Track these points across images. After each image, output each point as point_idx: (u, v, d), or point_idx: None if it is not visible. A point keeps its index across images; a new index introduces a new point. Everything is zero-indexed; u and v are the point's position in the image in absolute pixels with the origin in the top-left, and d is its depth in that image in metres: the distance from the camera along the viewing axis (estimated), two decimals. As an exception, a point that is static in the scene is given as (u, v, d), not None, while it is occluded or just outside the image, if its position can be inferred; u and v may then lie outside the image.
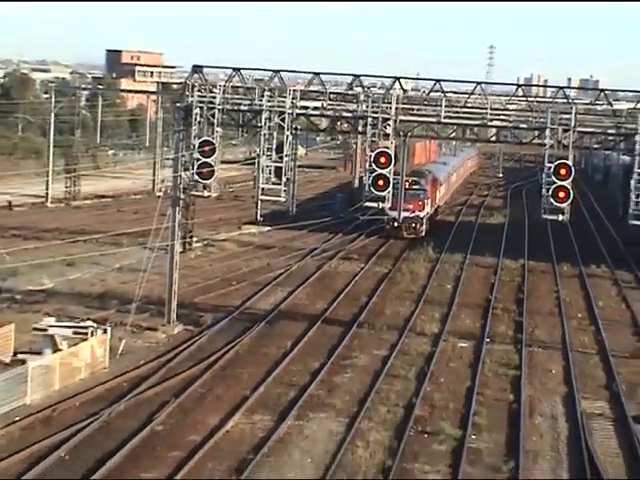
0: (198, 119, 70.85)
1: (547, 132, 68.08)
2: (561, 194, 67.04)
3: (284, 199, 73.44)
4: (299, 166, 77.97)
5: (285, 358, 64.05)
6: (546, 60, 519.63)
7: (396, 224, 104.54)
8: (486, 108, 74.16)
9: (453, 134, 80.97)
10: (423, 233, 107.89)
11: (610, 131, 71.62)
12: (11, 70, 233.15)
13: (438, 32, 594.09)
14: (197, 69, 73.76)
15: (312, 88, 74.14)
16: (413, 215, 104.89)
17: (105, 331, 62.30)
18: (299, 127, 75.40)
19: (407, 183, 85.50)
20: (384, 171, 69.07)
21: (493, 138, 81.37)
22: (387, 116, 69.96)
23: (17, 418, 50.71)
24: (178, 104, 75.76)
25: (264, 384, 58.27)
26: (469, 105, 74.63)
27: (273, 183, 71.33)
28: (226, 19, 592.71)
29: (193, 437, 49.23)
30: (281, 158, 70.86)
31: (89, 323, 64.46)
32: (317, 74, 73.83)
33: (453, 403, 56.96)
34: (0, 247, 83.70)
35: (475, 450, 49.49)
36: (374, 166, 69.74)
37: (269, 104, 70.69)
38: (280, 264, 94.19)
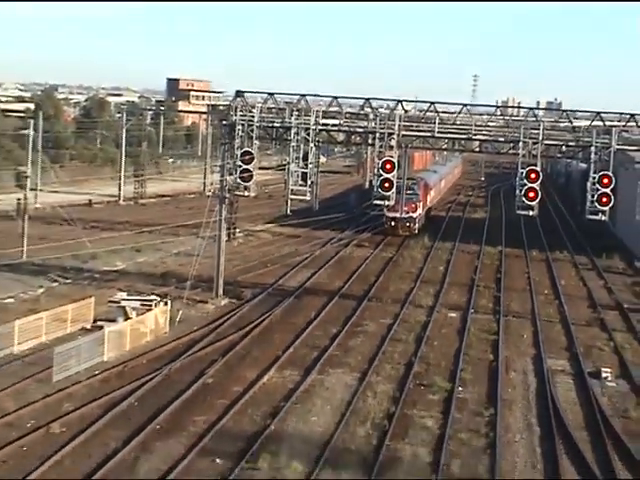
0: (240, 134, 70.96)
1: (520, 144, 68.00)
2: (531, 194, 67.06)
3: (309, 198, 73.41)
4: (320, 171, 77.52)
5: (309, 326, 64.26)
6: (519, 86, 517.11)
7: (393, 223, 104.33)
8: (471, 125, 74.17)
9: (445, 145, 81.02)
10: (416, 231, 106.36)
11: (570, 143, 71.39)
12: (92, 95, 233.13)
13: (433, 65, 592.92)
14: (239, 94, 73.82)
15: (331, 109, 74.12)
16: (407, 216, 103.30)
17: (166, 303, 62.58)
18: (321, 140, 75.08)
19: (409, 190, 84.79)
20: (389, 175, 69.29)
21: (477, 149, 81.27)
22: (391, 131, 70.09)
23: (97, 372, 51.04)
24: (224, 122, 76.04)
25: (292, 346, 58.52)
26: (457, 122, 74.51)
27: (300, 185, 71.34)
28: (262, 54, 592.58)
29: (236, 388, 49.49)
30: (306, 165, 70.92)
31: (153, 297, 64.69)
32: (335, 98, 73.78)
33: (444, 362, 57.11)
34: (83, 236, 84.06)
35: (462, 399, 49.63)
36: (381, 171, 69.97)
37: (297, 122, 70.77)
38: (305, 250, 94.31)
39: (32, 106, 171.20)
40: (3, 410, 44.13)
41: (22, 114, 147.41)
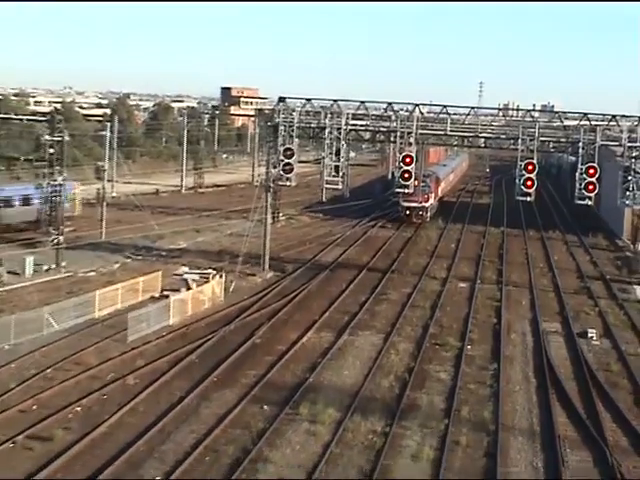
0: (282, 133, 70.89)
1: (519, 141, 67.66)
2: (529, 183, 66.77)
3: (340, 187, 73.37)
4: (350, 165, 77.59)
5: (342, 294, 64.27)
6: (518, 91, 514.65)
7: (408, 212, 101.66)
8: (477, 125, 74.01)
9: (455, 142, 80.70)
10: (428, 219, 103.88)
11: (562, 140, 71.07)
12: (158, 101, 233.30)
13: (446, 73, 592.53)
14: (282, 99, 73.71)
15: (359, 112, 73.96)
16: (420, 205, 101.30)
17: (221, 276, 62.72)
18: (350, 138, 74.99)
19: (416, 182, 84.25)
20: (408, 168, 69.22)
21: (482, 145, 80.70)
22: (410, 130, 69.93)
23: (164, 334, 51.30)
24: (269, 123, 76.19)
25: (327, 311, 58.57)
26: (466, 123, 74.28)
27: (333, 176, 71.25)
28: (300, 65, 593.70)
29: (280, 347, 49.63)
30: (338, 159, 70.80)
31: (210, 270, 64.94)
32: (362, 102, 73.53)
33: (455, 324, 57.05)
34: (151, 220, 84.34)
35: (470, 356, 49.64)
36: (402, 164, 69.92)
37: (330, 123, 70.65)
38: (338, 231, 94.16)
39: (109, 111, 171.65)
40: (87, 365, 44.57)
41: (100, 118, 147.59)
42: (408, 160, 69.41)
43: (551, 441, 37.04)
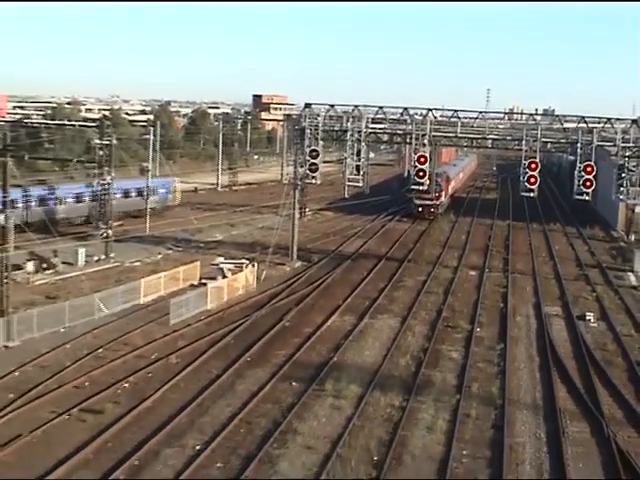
0: (308, 136, 70.88)
1: (523, 142, 67.51)
2: (532, 180, 66.60)
3: (361, 184, 73.31)
4: (370, 164, 77.59)
5: (362, 282, 64.29)
6: (522, 97, 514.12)
7: (420, 209, 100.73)
8: (485, 127, 73.89)
9: (465, 143, 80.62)
10: (439, 216, 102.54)
11: (562, 141, 70.91)
12: (196, 108, 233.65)
13: (456, 80, 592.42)
14: (307, 105, 73.70)
15: (378, 116, 73.86)
16: (432, 203, 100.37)
17: (253, 265, 62.81)
18: (370, 140, 74.91)
19: (430, 180, 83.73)
20: (423, 167, 69.13)
21: (490, 146, 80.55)
22: (424, 133, 69.78)
23: (202, 317, 51.43)
24: (296, 127, 76.17)
25: (350, 297, 58.60)
26: (475, 126, 74.16)
27: (354, 175, 71.24)
28: (325, 73, 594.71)
29: (307, 329, 49.68)
30: (359, 159, 70.72)
31: (244, 260, 64.97)
32: (381, 107, 73.44)
33: (466, 309, 56.98)
34: (190, 215, 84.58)
35: (479, 337, 49.58)
36: (416, 164, 69.84)
37: (352, 126, 70.59)
38: (358, 224, 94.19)
39: (152, 117, 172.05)
40: (134, 345, 44.75)
41: (144, 123, 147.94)
42: (422, 160, 69.38)
43: (552, 414, 36.98)
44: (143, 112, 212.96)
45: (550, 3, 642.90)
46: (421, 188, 74.25)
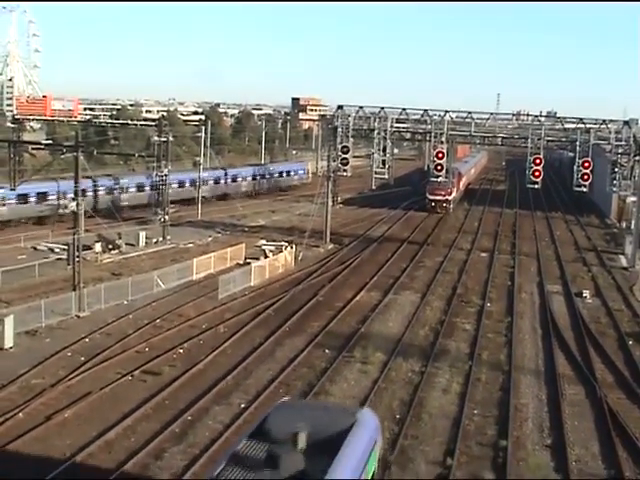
0: (340, 134, 71.06)
1: (529, 140, 67.36)
2: (536, 173, 66.59)
3: (387, 177, 73.34)
4: (394, 159, 77.56)
5: (387, 262, 64.18)
6: (528, 100, 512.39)
7: (433, 204, 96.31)
8: (495, 127, 73.73)
9: (478, 141, 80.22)
10: (451, 210, 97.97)
11: (562, 139, 70.81)
12: (242, 109, 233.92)
13: (470, 85, 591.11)
14: (340, 107, 73.82)
15: (401, 117, 73.80)
16: (444, 198, 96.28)
17: (292, 247, 62.98)
18: (394, 138, 74.91)
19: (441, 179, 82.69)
20: (441, 161, 69.15)
21: (500, 143, 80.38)
22: (442, 131, 69.82)
23: (246, 293, 51.60)
24: (330, 126, 76.42)
25: (376, 275, 58.55)
26: (487, 125, 73.97)
27: (380, 168, 71.30)
28: (355, 77, 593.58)
29: (338, 303, 49.71)
30: (385, 154, 70.86)
31: (283, 243, 65.25)
32: (404, 109, 73.53)
33: (477, 286, 56.84)
34: (236, 202, 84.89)
35: (489, 312, 49.42)
36: (435, 159, 69.96)
37: (378, 126, 70.71)
38: (383, 212, 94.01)
39: (203, 117, 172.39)
40: (187, 316, 45.04)
41: (197, 123, 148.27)
42: (440, 155, 69.46)
43: (552, 378, 36.92)
44: (196, 113, 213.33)
45: (552, 15, 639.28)
46: (439, 180, 74.05)
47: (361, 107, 74.06)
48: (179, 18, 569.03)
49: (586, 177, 66.05)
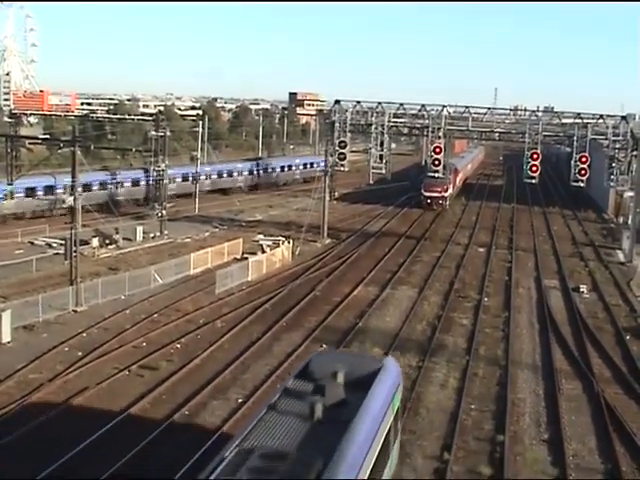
0: (337, 129, 71.08)
1: (526, 135, 67.35)
2: (534, 168, 66.68)
3: (384, 172, 73.35)
4: (391, 154, 77.52)
5: (385, 257, 64.16)
6: (525, 95, 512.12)
7: (429, 201, 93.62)
8: (493, 122, 73.72)
9: (475, 136, 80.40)
10: (447, 207, 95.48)
11: (560, 134, 70.85)
12: (239, 104, 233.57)
13: (468, 80, 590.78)
14: (337, 102, 73.78)
15: (399, 111, 73.77)
16: (440, 195, 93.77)
17: (289, 242, 62.90)
18: (392, 132, 74.91)
19: (437, 174, 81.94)
20: (438, 156, 69.24)
21: (497, 138, 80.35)
22: (439, 126, 69.93)
23: (244, 287, 51.61)
24: (327, 121, 76.38)
25: (374, 270, 58.52)
26: (484, 120, 74.01)
27: (378, 163, 71.33)
28: (352, 74, 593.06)
29: (336, 298, 49.71)
30: (382, 149, 70.87)
31: (281, 237, 65.17)
32: (401, 104, 73.45)
33: (475, 281, 56.83)
34: (234, 198, 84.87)
35: (487, 306, 49.46)
36: (433, 154, 70.02)
37: (376, 120, 70.72)
38: (380, 207, 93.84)
39: (200, 112, 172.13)
40: (185, 311, 45.06)
41: (194, 117, 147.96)
42: (438, 150, 69.53)
43: (550, 373, 36.95)
44: (193, 108, 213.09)
45: (549, 10, 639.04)
46: (435, 176, 73.98)
47: (358, 102, 74.04)
48: (177, 13, 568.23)
49: (583, 172, 66.09)
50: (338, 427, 17.94)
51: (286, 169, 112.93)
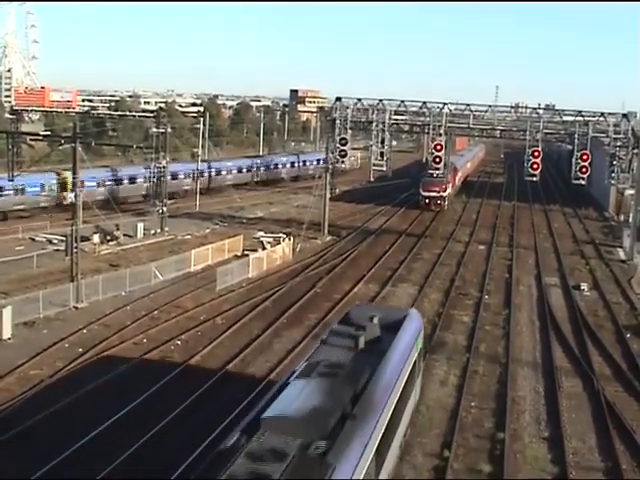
0: (338, 126, 70.91)
1: (527, 132, 67.24)
2: (535, 166, 66.49)
3: (385, 169, 73.25)
4: (392, 151, 77.54)
5: (385, 254, 64.10)
6: (526, 93, 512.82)
7: (427, 200, 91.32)
8: (494, 119, 73.64)
9: (476, 134, 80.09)
10: (446, 207, 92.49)
11: (561, 132, 70.62)
12: (240, 101, 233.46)
13: (469, 78, 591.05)
14: (338, 99, 73.61)
15: (400, 109, 73.63)
16: (438, 195, 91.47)
17: (290, 239, 62.91)
18: (393, 130, 74.81)
19: (435, 173, 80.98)
20: (439, 154, 69.10)
21: (498, 136, 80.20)
22: (440, 124, 69.70)
23: (244, 284, 51.61)
24: (328, 118, 76.12)
25: (374, 268, 58.48)
26: (485, 118, 73.89)
27: (379, 160, 71.23)
28: (352, 71, 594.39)
29: (336, 295, 49.63)
30: (383, 147, 70.75)
31: (281, 234, 65.12)
32: (402, 101, 73.31)
33: (475, 279, 56.78)
34: (234, 194, 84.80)
35: (487, 304, 49.42)
36: (433, 151, 69.94)
37: (377, 118, 70.56)
38: (381, 205, 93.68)
39: (202, 109, 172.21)
40: (185, 308, 45.05)
41: (195, 114, 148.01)
42: (439, 147, 69.40)
43: (550, 371, 36.93)
44: (194, 104, 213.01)
45: (551, 7, 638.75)
46: (434, 175, 73.97)
47: (359, 99, 73.93)
48: (178, 10, 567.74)
49: (584, 170, 66.00)
50: (376, 355, 23.20)
51: (322, 162, 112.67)
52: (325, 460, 16.57)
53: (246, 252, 59.42)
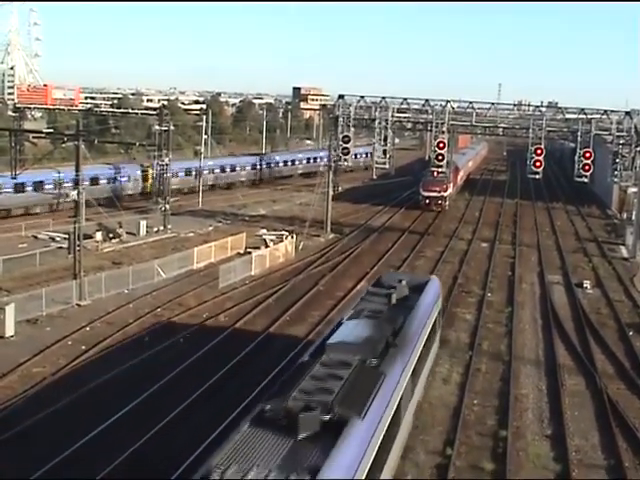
0: (341, 123, 70.79)
1: (530, 130, 67.19)
2: (537, 164, 66.38)
3: (387, 167, 73.18)
4: (395, 149, 77.51)
5: (388, 252, 64.16)
6: (529, 90, 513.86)
7: (427, 201, 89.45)
8: (497, 117, 73.53)
9: (479, 131, 79.86)
10: (447, 207, 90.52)
11: (564, 129, 70.58)
12: (243, 98, 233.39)
13: (472, 76, 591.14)
14: (341, 96, 73.46)
15: (402, 106, 73.55)
16: (439, 195, 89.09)
17: (292, 236, 62.91)
18: (395, 127, 74.76)
19: (436, 172, 79.36)
20: (442, 151, 68.97)
21: (501, 133, 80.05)
22: (443, 121, 69.56)
23: (247, 282, 51.63)
24: (331, 115, 76.20)
25: (377, 265, 58.43)
26: (488, 115, 73.82)
27: (382, 158, 71.19)
28: (355, 69, 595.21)
29: (339, 293, 49.64)
30: (386, 144, 70.70)
31: (284, 232, 65.14)
32: (405, 99, 73.18)
33: (478, 276, 56.82)
34: (238, 192, 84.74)
35: (490, 302, 49.44)
36: (436, 149, 69.76)
37: (379, 115, 70.44)
38: (385, 202, 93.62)
39: (204, 106, 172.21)
40: (187, 306, 45.03)
41: (198, 112, 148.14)
42: (441, 145, 69.27)
43: (553, 369, 36.92)
44: (197, 102, 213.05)
45: (554, 5, 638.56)
46: (435, 174, 73.84)
47: (362, 97, 73.84)
48: (181, 7, 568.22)
49: (587, 168, 65.93)
50: (405, 309, 28.59)
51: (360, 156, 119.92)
52: (379, 370, 22.01)
53: (249, 250, 59.40)
